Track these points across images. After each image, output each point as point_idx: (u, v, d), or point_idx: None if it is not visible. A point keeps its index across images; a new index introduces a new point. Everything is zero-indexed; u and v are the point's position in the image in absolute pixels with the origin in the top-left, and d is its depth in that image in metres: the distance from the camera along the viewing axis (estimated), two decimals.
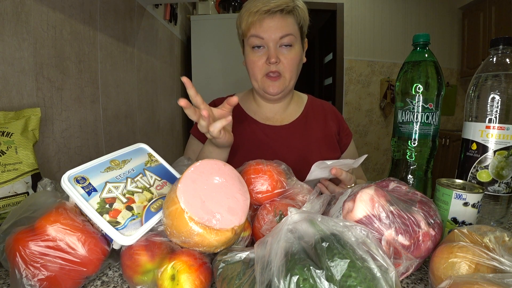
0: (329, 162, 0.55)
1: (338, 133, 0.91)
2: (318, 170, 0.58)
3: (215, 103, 0.88)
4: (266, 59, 0.75)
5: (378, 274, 0.27)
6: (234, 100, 0.59)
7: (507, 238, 0.35)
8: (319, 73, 4.08)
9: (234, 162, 0.52)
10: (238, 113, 0.87)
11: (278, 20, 0.73)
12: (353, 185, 0.60)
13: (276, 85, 0.77)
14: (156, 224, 0.42)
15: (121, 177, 0.46)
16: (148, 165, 0.52)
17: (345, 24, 3.08)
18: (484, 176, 0.55)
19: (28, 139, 0.58)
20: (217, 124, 0.53)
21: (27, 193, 0.54)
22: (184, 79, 0.53)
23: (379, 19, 3.13)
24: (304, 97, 0.94)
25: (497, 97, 0.53)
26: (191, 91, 0.54)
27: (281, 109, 0.87)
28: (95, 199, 0.41)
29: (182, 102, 0.51)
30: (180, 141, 2.29)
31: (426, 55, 0.60)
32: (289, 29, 0.73)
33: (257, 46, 0.75)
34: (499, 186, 0.54)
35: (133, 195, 0.44)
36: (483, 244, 0.34)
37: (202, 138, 0.84)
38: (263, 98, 0.85)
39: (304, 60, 0.83)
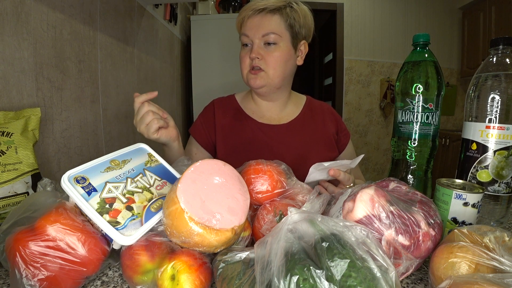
0: (326, 164, 0.55)
1: (337, 133, 0.91)
2: (316, 172, 0.58)
3: (214, 103, 0.89)
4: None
5: (378, 274, 0.27)
6: (154, 94, 0.66)
7: (507, 238, 0.35)
8: (319, 73, 4.08)
9: (234, 161, 0.52)
10: (237, 112, 0.88)
11: (261, 18, 0.76)
12: (351, 185, 0.60)
13: (257, 78, 0.78)
14: (156, 224, 0.42)
15: (121, 177, 0.46)
16: (148, 165, 0.52)
17: (345, 24, 3.07)
18: (484, 176, 0.55)
19: (28, 139, 0.58)
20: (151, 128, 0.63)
21: (27, 193, 0.54)
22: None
23: (379, 19, 3.13)
24: (303, 98, 0.95)
25: (497, 97, 0.53)
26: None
27: (278, 108, 0.88)
28: (95, 199, 0.41)
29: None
30: None
31: (426, 55, 0.60)
32: (272, 28, 0.75)
33: (246, 44, 0.79)
34: (499, 186, 0.54)
35: (133, 195, 0.44)
36: (483, 244, 0.34)
37: (197, 137, 0.87)
38: (259, 96, 0.86)
39: (300, 63, 0.84)
